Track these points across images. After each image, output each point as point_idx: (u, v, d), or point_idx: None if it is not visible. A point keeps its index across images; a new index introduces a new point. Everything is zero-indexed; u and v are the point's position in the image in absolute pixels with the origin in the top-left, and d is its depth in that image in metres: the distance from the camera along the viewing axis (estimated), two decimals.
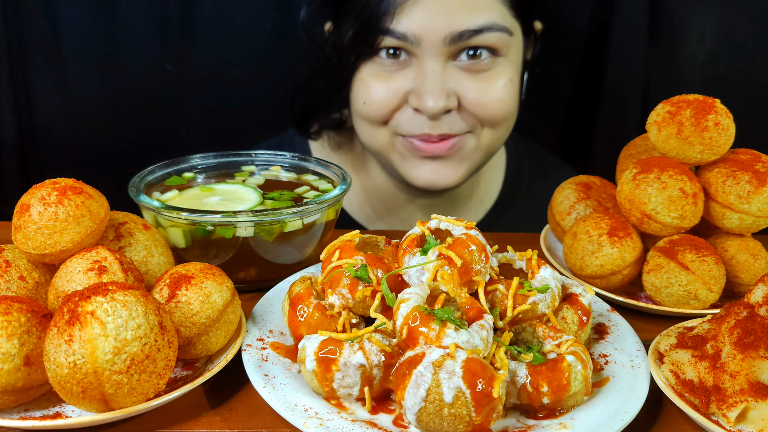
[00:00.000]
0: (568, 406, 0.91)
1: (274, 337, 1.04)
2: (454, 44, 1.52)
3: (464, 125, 1.60)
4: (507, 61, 1.59)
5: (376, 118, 1.61)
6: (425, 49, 1.52)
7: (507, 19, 1.56)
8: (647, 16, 1.96)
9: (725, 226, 1.22)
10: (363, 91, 1.60)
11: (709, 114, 1.20)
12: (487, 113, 1.59)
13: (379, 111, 1.60)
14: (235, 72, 1.96)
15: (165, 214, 1.17)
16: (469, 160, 1.66)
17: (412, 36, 1.50)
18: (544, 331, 0.98)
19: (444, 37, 1.50)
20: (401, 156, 1.65)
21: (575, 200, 1.37)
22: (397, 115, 1.60)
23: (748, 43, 1.95)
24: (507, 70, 1.59)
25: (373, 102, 1.59)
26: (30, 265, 1.00)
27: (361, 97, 1.61)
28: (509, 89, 1.60)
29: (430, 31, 1.50)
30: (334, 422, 0.85)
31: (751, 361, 0.89)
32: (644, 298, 1.25)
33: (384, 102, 1.58)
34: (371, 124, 1.63)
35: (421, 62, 1.54)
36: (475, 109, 1.58)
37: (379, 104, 1.59)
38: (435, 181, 1.65)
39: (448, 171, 1.64)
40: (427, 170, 1.64)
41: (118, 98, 1.95)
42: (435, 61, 1.53)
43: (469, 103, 1.57)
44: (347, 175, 1.32)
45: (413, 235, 1.04)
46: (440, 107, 1.53)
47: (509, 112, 1.63)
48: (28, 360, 0.85)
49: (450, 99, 1.55)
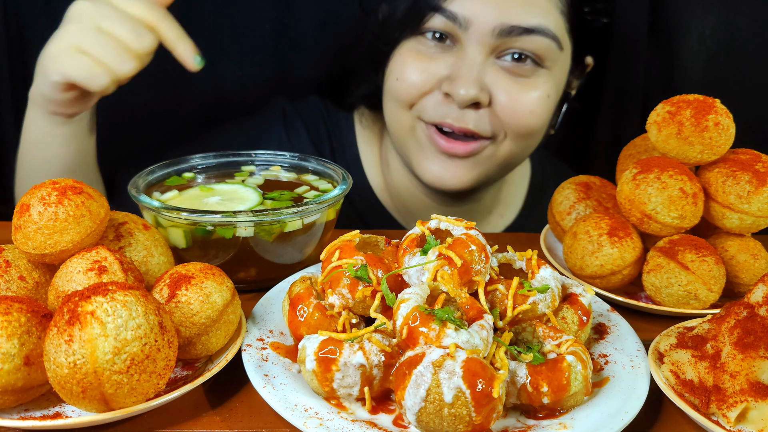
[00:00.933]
0: (568, 406, 0.91)
1: (274, 337, 1.04)
2: (502, 38, 1.46)
3: (488, 127, 1.54)
4: (549, 75, 1.53)
5: (405, 98, 1.56)
6: (471, 36, 1.46)
7: (560, 30, 1.50)
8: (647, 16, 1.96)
9: (725, 226, 1.22)
10: (399, 66, 1.55)
11: (709, 114, 1.20)
12: (515, 121, 1.53)
13: (410, 90, 1.54)
14: (235, 72, 1.96)
15: (165, 214, 1.17)
16: (482, 166, 1.60)
17: (463, 18, 1.45)
18: (544, 331, 0.98)
19: (494, 27, 1.45)
20: (418, 144, 1.60)
21: (575, 200, 1.38)
22: (425, 99, 1.55)
23: (748, 43, 1.95)
24: (547, 84, 1.53)
25: (406, 80, 1.54)
26: (30, 265, 1.00)
27: (396, 73, 1.56)
28: (544, 103, 1.54)
29: (481, 18, 1.45)
30: (334, 422, 0.85)
31: (751, 361, 0.89)
32: (644, 298, 1.25)
33: (416, 82, 1.53)
34: (397, 103, 1.58)
35: (464, 49, 1.49)
36: (503, 113, 1.52)
37: (411, 84, 1.53)
38: (443, 179, 1.60)
39: (459, 171, 1.59)
40: (438, 165, 1.59)
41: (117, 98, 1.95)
42: (478, 51, 1.47)
43: (500, 104, 1.51)
44: (347, 175, 1.32)
45: (413, 235, 1.04)
46: (471, 95, 1.47)
47: (537, 126, 1.56)
48: (28, 360, 0.85)
49: (482, 92, 1.49)
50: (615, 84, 2.03)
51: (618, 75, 2.02)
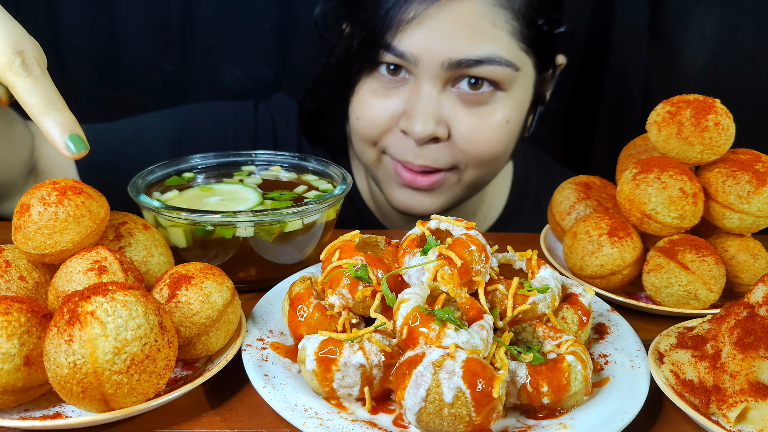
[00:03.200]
0: (568, 406, 0.91)
1: (274, 337, 1.04)
2: (452, 70, 1.46)
3: (449, 160, 1.55)
4: (507, 98, 1.52)
5: (368, 136, 1.58)
6: (423, 71, 1.47)
7: (514, 53, 1.48)
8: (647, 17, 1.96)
9: (725, 226, 1.22)
10: (359, 106, 1.57)
11: (709, 114, 1.20)
12: (475, 150, 1.53)
13: (371, 129, 1.56)
14: (235, 72, 1.96)
15: (165, 214, 1.17)
16: (448, 194, 1.63)
17: (411, 56, 1.45)
18: (544, 331, 0.98)
19: (442, 62, 1.44)
20: (386, 175, 1.63)
21: (575, 200, 1.38)
22: (386, 137, 1.56)
23: (748, 43, 1.95)
24: (506, 109, 1.52)
25: (366, 119, 1.55)
26: (30, 265, 1.00)
27: (357, 112, 1.58)
28: (503, 130, 1.53)
29: (428, 54, 1.44)
30: (334, 422, 0.85)
31: (751, 361, 0.89)
32: (644, 298, 1.25)
33: (375, 120, 1.54)
34: (362, 140, 1.61)
35: (418, 83, 1.49)
36: (463, 144, 1.52)
37: (371, 122, 1.55)
38: (411, 207, 1.63)
39: (426, 200, 1.62)
40: (405, 195, 1.62)
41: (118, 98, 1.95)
42: (431, 84, 1.48)
43: (460, 135, 1.51)
44: (347, 175, 1.32)
45: (413, 235, 1.04)
46: (427, 133, 1.48)
47: (498, 153, 1.57)
48: (28, 360, 0.85)
49: (439, 126, 1.49)
50: (615, 84, 2.03)
51: (618, 75, 2.02)
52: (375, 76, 1.53)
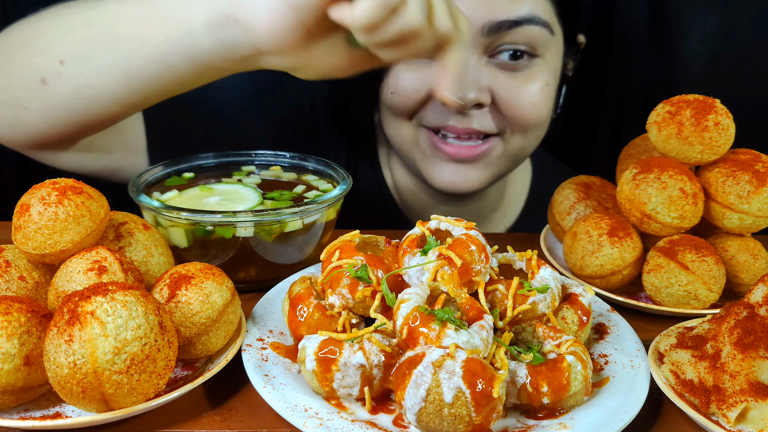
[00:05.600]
0: (568, 406, 0.91)
1: (274, 337, 1.04)
2: (492, 35, 1.43)
3: (493, 125, 1.52)
4: (544, 64, 1.51)
5: (402, 109, 1.53)
6: None
7: (549, 15, 1.48)
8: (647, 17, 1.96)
9: (725, 226, 1.22)
10: (393, 80, 1.53)
11: (709, 114, 1.20)
12: (519, 116, 1.51)
13: (406, 102, 1.52)
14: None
15: (165, 214, 1.17)
16: (494, 166, 1.59)
17: None
18: (544, 331, 0.98)
19: (482, 26, 1.42)
20: (423, 154, 1.58)
21: (575, 200, 1.38)
22: (424, 108, 1.53)
23: (748, 43, 1.95)
24: (544, 73, 1.51)
25: (401, 92, 1.51)
26: (30, 265, 1.00)
27: (391, 87, 1.53)
28: (545, 94, 1.52)
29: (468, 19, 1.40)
30: (334, 422, 0.85)
31: (751, 361, 0.89)
32: (644, 298, 1.25)
33: (412, 93, 1.50)
34: (397, 116, 1.56)
35: None
36: (506, 109, 1.50)
37: (406, 95, 1.51)
38: (456, 184, 1.57)
39: (471, 174, 1.56)
40: (449, 171, 1.56)
41: None
42: (471, 52, 1.44)
43: (502, 101, 1.49)
44: (347, 175, 1.32)
45: (413, 235, 1.04)
46: (470, 99, 1.45)
47: (541, 118, 1.54)
48: (28, 360, 0.85)
49: (482, 93, 1.46)
50: (615, 84, 2.03)
51: (618, 75, 2.02)
52: None
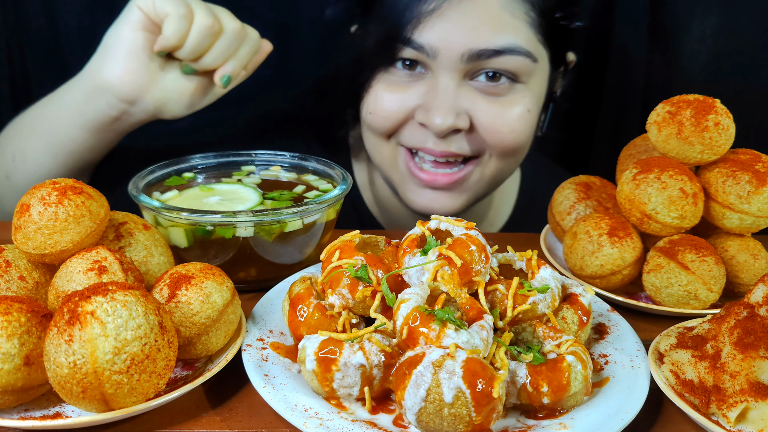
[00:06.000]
0: (568, 406, 0.91)
1: (274, 337, 1.04)
2: (471, 62, 1.43)
3: (470, 149, 1.52)
4: (527, 90, 1.50)
5: (381, 130, 1.54)
6: (441, 64, 1.44)
7: (533, 44, 1.46)
8: (647, 16, 1.96)
9: (725, 226, 1.22)
10: (372, 99, 1.53)
11: (709, 114, 1.20)
12: (499, 141, 1.50)
13: (384, 123, 1.52)
14: None
15: (165, 214, 1.17)
16: (471, 191, 1.59)
17: (430, 48, 1.42)
18: (544, 331, 0.98)
19: (462, 54, 1.42)
20: (402, 176, 1.59)
21: (575, 200, 1.37)
22: (403, 129, 1.53)
23: (748, 43, 1.95)
24: (526, 99, 1.50)
25: (380, 112, 1.52)
26: (30, 265, 1.00)
27: (370, 106, 1.54)
28: (525, 120, 1.51)
29: (448, 46, 1.42)
30: (334, 422, 0.85)
31: (751, 361, 0.89)
32: (644, 298, 1.25)
33: (390, 114, 1.51)
34: (375, 134, 1.57)
35: (435, 77, 1.46)
36: (486, 134, 1.49)
37: (385, 116, 1.51)
38: (433, 209, 1.56)
39: (447, 200, 1.57)
40: (425, 197, 1.57)
41: None
42: (449, 77, 1.45)
43: (481, 125, 1.48)
44: (347, 175, 1.32)
45: (413, 235, 1.04)
46: (447, 125, 1.44)
47: (521, 143, 1.53)
48: (28, 360, 0.85)
49: (460, 118, 1.46)
50: (615, 84, 2.03)
51: (618, 75, 2.02)
52: (391, 71, 1.51)
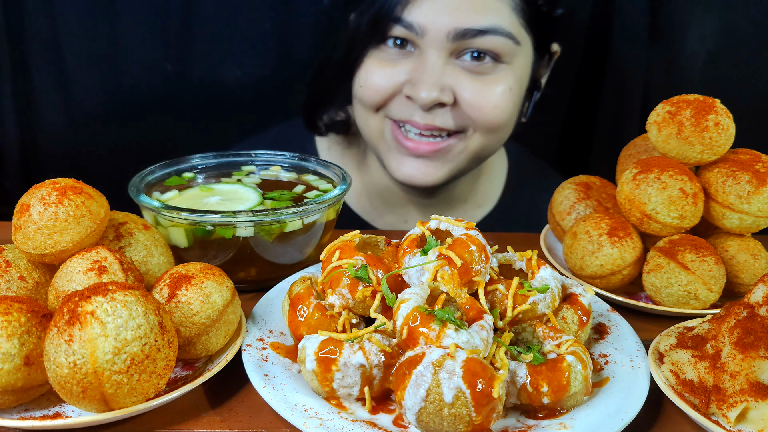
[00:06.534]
0: (568, 406, 0.91)
1: (274, 337, 1.04)
2: (457, 41, 1.55)
3: (454, 123, 1.62)
4: (509, 69, 1.61)
5: (370, 103, 1.64)
6: (428, 42, 1.55)
7: (515, 27, 1.58)
8: (647, 16, 1.96)
9: (725, 226, 1.22)
10: (364, 74, 1.64)
11: (709, 114, 1.20)
12: (481, 116, 1.61)
13: (374, 96, 1.63)
14: (235, 71, 1.96)
15: (165, 214, 1.17)
16: (453, 162, 1.68)
17: (418, 26, 1.54)
18: (544, 331, 0.98)
19: (448, 32, 1.54)
20: (387, 146, 1.69)
21: (575, 200, 1.37)
22: (391, 102, 1.63)
23: (748, 43, 1.94)
24: (508, 78, 1.61)
25: (370, 86, 1.63)
26: (30, 265, 1.00)
27: (361, 80, 1.65)
28: (507, 97, 1.62)
29: (435, 24, 1.54)
30: (334, 422, 0.85)
31: (751, 361, 0.89)
32: (644, 298, 1.25)
33: (379, 87, 1.62)
34: (365, 108, 1.67)
35: (423, 54, 1.58)
36: (469, 110, 1.60)
37: (374, 89, 1.62)
38: (414, 177, 1.68)
39: (429, 169, 1.67)
40: (409, 166, 1.67)
41: (118, 98, 1.95)
42: (436, 54, 1.56)
43: (465, 102, 1.59)
44: (347, 175, 1.32)
45: (413, 235, 1.04)
46: (432, 98, 1.56)
47: (503, 119, 1.64)
48: (28, 360, 0.85)
49: (444, 93, 1.57)
50: (615, 84, 2.03)
51: (618, 75, 2.01)
52: (381, 49, 1.62)
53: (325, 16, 1.81)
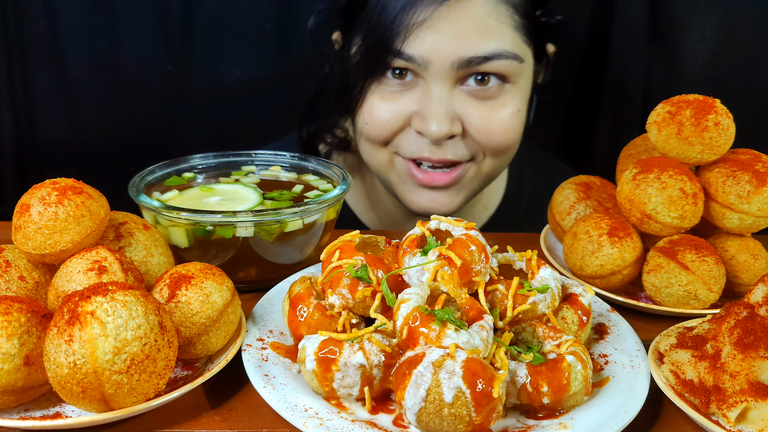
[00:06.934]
0: (568, 406, 0.91)
1: (274, 337, 1.04)
2: (462, 69, 1.48)
3: (466, 152, 1.57)
4: (515, 89, 1.56)
5: (378, 139, 1.58)
6: (432, 73, 1.48)
7: (518, 45, 1.52)
8: (647, 17, 1.96)
9: (725, 226, 1.22)
10: (367, 111, 1.56)
11: (709, 114, 1.20)
12: (491, 142, 1.55)
13: (381, 132, 1.56)
14: (235, 71, 1.96)
15: (165, 214, 1.17)
16: (467, 188, 1.64)
17: (420, 59, 1.46)
18: (544, 331, 0.98)
19: (452, 62, 1.46)
20: (399, 178, 1.63)
21: (575, 200, 1.37)
22: (398, 137, 1.57)
23: (748, 43, 1.95)
24: (515, 99, 1.55)
25: (376, 122, 1.55)
26: (30, 265, 1.00)
27: (365, 117, 1.57)
28: (515, 119, 1.56)
29: (438, 55, 1.46)
30: (334, 422, 0.85)
31: (751, 361, 0.89)
32: (644, 298, 1.25)
33: (386, 123, 1.55)
34: (372, 144, 1.60)
35: (427, 85, 1.51)
36: (478, 136, 1.54)
37: (381, 125, 1.55)
38: (431, 209, 1.61)
39: (445, 199, 1.62)
40: (424, 197, 1.61)
41: (118, 98, 1.95)
42: (442, 84, 1.49)
43: (474, 129, 1.53)
44: (347, 175, 1.32)
45: (413, 235, 1.04)
46: (444, 132, 1.49)
47: (513, 142, 1.59)
48: (28, 360, 0.85)
49: (454, 124, 1.51)
50: (615, 84, 2.03)
51: (618, 75, 2.02)
52: (382, 81, 1.54)
53: (311, 38, 1.76)
